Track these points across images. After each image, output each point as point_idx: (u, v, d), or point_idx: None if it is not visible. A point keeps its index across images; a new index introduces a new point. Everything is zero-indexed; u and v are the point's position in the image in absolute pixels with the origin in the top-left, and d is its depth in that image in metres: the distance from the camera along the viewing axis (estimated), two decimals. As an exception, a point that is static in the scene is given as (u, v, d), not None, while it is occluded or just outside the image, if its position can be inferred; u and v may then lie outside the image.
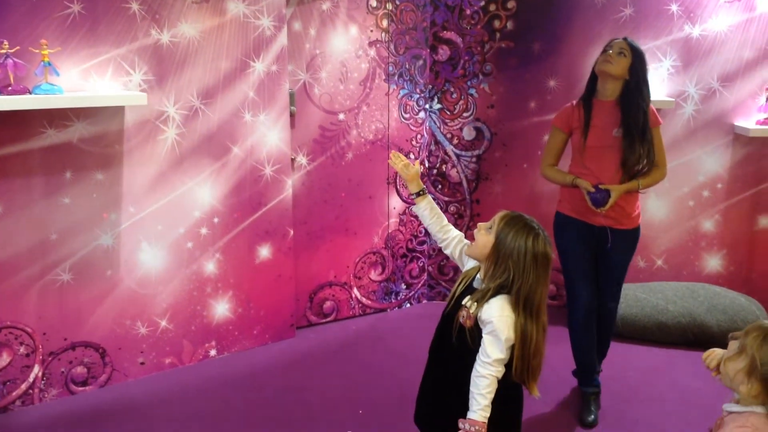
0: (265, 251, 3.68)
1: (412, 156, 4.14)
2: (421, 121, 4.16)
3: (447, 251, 2.34)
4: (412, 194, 2.37)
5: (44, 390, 3.16)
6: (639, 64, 2.91)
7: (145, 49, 3.13)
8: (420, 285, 4.39)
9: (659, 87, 4.00)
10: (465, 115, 4.18)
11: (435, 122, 4.19)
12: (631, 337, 3.84)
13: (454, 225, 3.94)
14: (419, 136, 4.17)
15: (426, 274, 4.40)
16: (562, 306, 4.25)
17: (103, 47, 3.02)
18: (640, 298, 3.87)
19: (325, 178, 3.91)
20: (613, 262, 3.07)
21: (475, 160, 4.23)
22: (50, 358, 3.16)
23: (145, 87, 3.15)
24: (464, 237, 2.33)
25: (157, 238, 3.34)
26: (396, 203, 4.18)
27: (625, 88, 2.93)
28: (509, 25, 4.03)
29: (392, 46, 3.96)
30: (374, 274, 4.21)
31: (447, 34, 4.06)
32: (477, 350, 2.02)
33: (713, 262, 4.21)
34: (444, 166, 4.25)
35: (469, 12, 4.02)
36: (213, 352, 3.62)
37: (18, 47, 2.77)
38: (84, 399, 3.20)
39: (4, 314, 3.03)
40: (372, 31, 3.88)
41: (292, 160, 3.75)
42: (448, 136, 4.21)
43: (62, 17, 2.91)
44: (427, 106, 4.16)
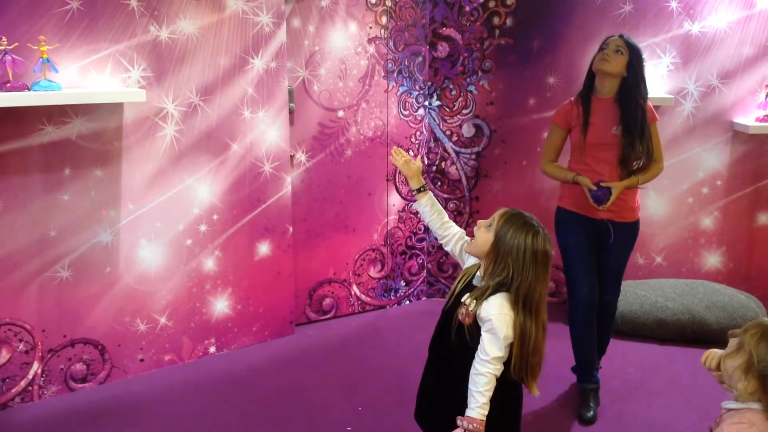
0: (264, 248, 3.68)
1: (412, 153, 4.14)
2: (420, 118, 4.16)
3: (447, 248, 2.34)
4: (413, 190, 2.37)
5: (44, 387, 3.16)
6: (636, 61, 2.92)
7: (144, 46, 3.12)
8: (419, 282, 4.39)
9: (659, 84, 4.00)
10: (464, 112, 4.17)
11: (434, 119, 4.19)
12: (631, 334, 3.84)
13: (454, 222, 3.94)
14: (418, 133, 4.17)
15: (425, 271, 4.40)
16: (562, 303, 4.26)
17: (101, 44, 3.02)
18: (640, 295, 3.87)
19: (325, 175, 3.91)
20: (612, 255, 3.08)
21: (474, 157, 4.23)
22: (49, 355, 3.16)
23: (144, 83, 3.15)
24: (465, 234, 2.33)
25: (156, 235, 3.33)
26: (395, 200, 4.18)
27: (623, 86, 2.94)
28: (509, 22, 4.03)
29: (391, 43, 3.96)
30: (373, 271, 4.21)
31: (446, 31, 4.06)
32: (476, 348, 2.02)
33: (712, 259, 4.21)
34: (443, 163, 4.25)
35: (468, 9, 4.02)
36: (212, 349, 3.62)
37: (16, 44, 2.76)
38: (83, 396, 3.21)
39: (3, 311, 3.03)
40: (371, 28, 3.87)
41: (292, 157, 3.75)
42: (448, 133, 4.21)
43: (61, 13, 2.90)
44: (427, 103, 4.16)
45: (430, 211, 2.35)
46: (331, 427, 2.97)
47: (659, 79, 3.99)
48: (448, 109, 4.17)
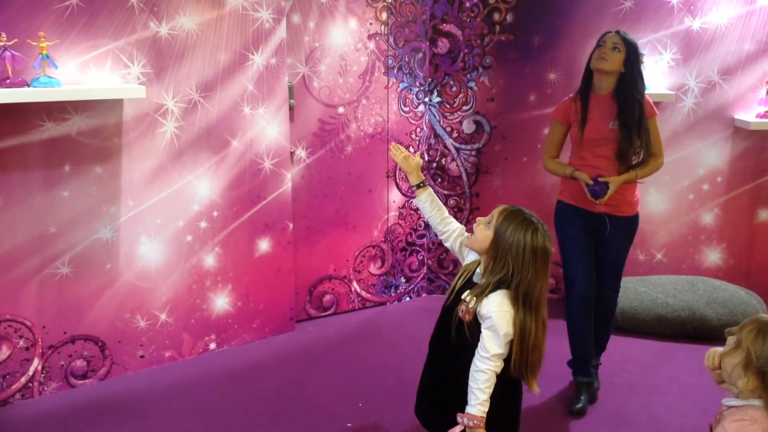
0: (264, 245, 3.68)
1: (412, 149, 4.13)
2: (420, 115, 4.15)
3: (447, 244, 2.34)
4: (413, 186, 2.37)
5: (44, 383, 3.17)
6: (633, 57, 2.94)
7: (144, 42, 3.12)
8: (419, 278, 4.39)
9: (659, 80, 3.99)
10: (464, 108, 4.17)
11: (434, 115, 4.18)
12: (631, 330, 3.84)
13: (454, 218, 3.93)
14: (419, 130, 4.16)
15: (425, 268, 4.40)
16: (562, 300, 4.25)
17: (101, 40, 3.01)
18: (640, 291, 3.87)
19: (325, 171, 3.91)
20: (611, 249, 3.09)
21: (474, 153, 4.23)
22: (50, 352, 3.16)
23: (144, 80, 3.14)
24: (465, 230, 2.32)
25: (156, 232, 3.33)
26: (395, 197, 4.17)
27: (621, 82, 2.96)
28: (509, 18, 4.02)
29: (391, 39, 3.95)
30: (374, 268, 4.21)
31: (446, 27, 4.05)
32: (476, 345, 2.02)
33: (713, 256, 4.21)
34: (443, 160, 4.24)
35: (468, 5, 4.01)
36: (212, 346, 3.62)
37: (16, 40, 2.76)
38: (84, 392, 3.21)
39: (3, 307, 3.03)
40: (371, 24, 3.86)
41: (292, 153, 3.74)
42: (448, 129, 4.20)
43: (60, 9, 2.89)
44: (427, 100, 4.16)
45: (430, 206, 2.35)
46: (332, 423, 2.98)
47: (660, 75, 3.99)
48: (448, 106, 4.16)
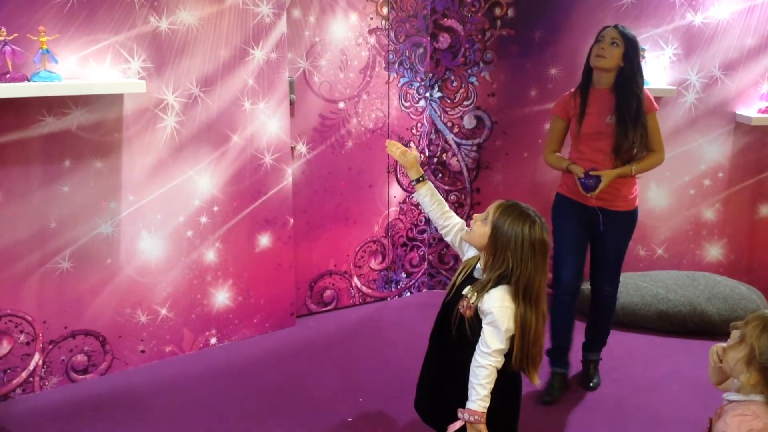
0: (265, 240, 3.67)
1: (412, 145, 4.13)
2: (421, 110, 4.15)
3: (447, 238, 2.33)
4: (412, 181, 2.37)
5: (45, 378, 3.17)
6: (632, 52, 2.93)
7: (144, 37, 3.11)
8: (420, 274, 4.39)
9: (661, 75, 3.98)
10: (465, 103, 4.16)
11: (435, 111, 4.17)
12: (632, 325, 3.84)
13: (455, 213, 3.92)
14: (419, 125, 4.16)
15: (426, 263, 4.40)
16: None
17: (101, 34, 3.00)
18: (641, 286, 3.87)
19: (325, 166, 3.90)
20: (608, 244, 3.09)
21: (475, 148, 4.22)
22: (50, 347, 3.16)
23: (144, 74, 3.14)
24: (465, 225, 2.32)
25: (156, 227, 3.33)
26: (396, 192, 4.17)
27: (620, 76, 2.96)
28: (510, 13, 4.01)
29: (392, 34, 3.94)
30: (374, 263, 4.21)
31: (447, 22, 4.04)
32: (476, 341, 2.02)
33: (714, 251, 4.21)
34: (444, 155, 4.24)
35: (469, -1, 4.01)
36: (213, 341, 3.62)
37: (16, 34, 2.75)
38: (84, 387, 3.21)
39: (4, 302, 3.03)
40: (372, 19, 3.86)
41: (292, 148, 3.74)
42: (449, 124, 4.19)
43: (60, 4, 2.89)
44: (428, 95, 4.15)
45: (430, 201, 2.34)
46: (332, 418, 2.98)
47: (661, 71, 3.98)
48: (449, 101, 4.16)
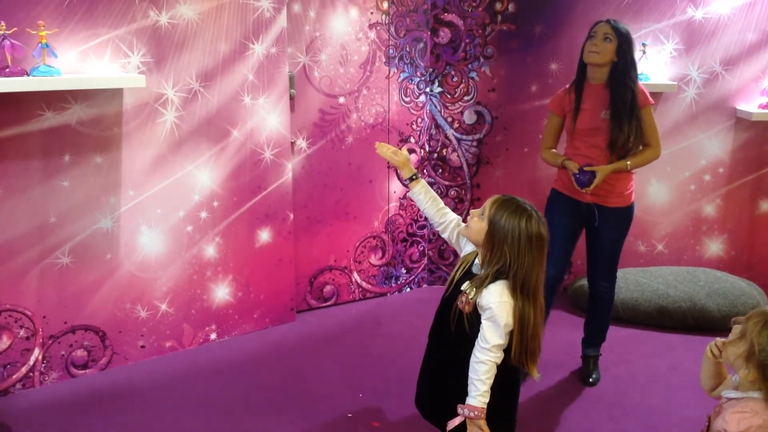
0: (265, 235, 3.67)
1: (413, 140, 4.12)
2: (421, 105, 4.14)
3: (444, 235, 2.33)
4: (406, 180, 2.37)
5: (45, 373, 3.17)
6: (626, 46, 2.93)
7: (144, 31, 3.10)
8: (420, 269, 4.39)
9: (661, 70, 3.97)
10: (466, 98, 4.15)
11: (435, 106, 4.17)
12: (632, 321, 3.84)
13: (455, 209, 3.93)
14: (420, 120, 4.15)
15: (426, 259, 4.39)
16: (562, 290, 4.25)
17: (101, 29, 2.99)
18: (641, 282, 3.87)
19: (325, 162, 3.90)
20: (602, 239, 3.10)
21: (475, 144, 4.21)
22: (50, 342, 3.16)
23: (144, 69, 3.13)
24: (461, 221, 2.32)
25: (156, 222, 3.33)
26: (396, 187, 4.16)
27: (614, 71, 2.96)
28: (511, 8, 4.00)
29: (392, 29, 3.93)
30: (374, 259, 4.21)
31: (448, 17, 4.03)
32: (475, 336, 2.01)
33: (714, 247, 4.21)
34: (444, 150, 4.23)
35: (470, -6, 3.99)
36: (213, 336, 3.62)
37: (15, 28, 2.74)
38: (84, 382, 3.21)
39: (3, 297, 3.03)
40: (372, 14, 3.84)
41: (292, 143, 3.73)
42: (449, 119, 4.19)
43: (59, -2, 2.88)
44: (428, 90, 4.14)
45: (425, 198, 2.34)
46: (332, 413, 2.98)
47: (662, 66, 3.97)
48: (449, 96, 4.15)
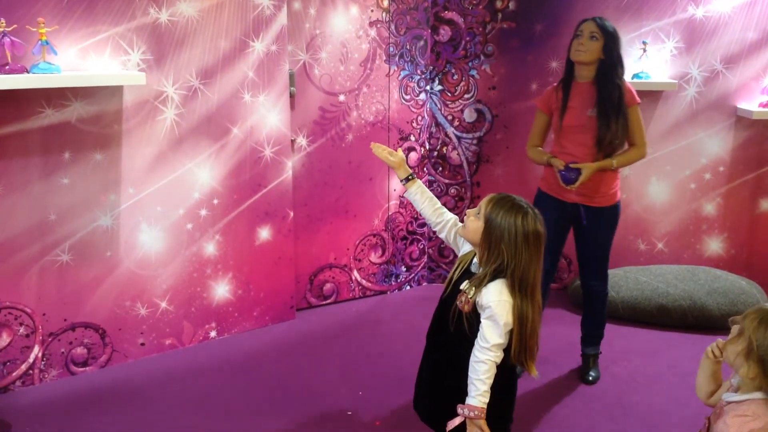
0: (265, 233, 3.67)
1: (413, 138, 4.12)
2: (421, 103, 4.14)
3: (441, 235, 2.33)
4: (402, 180, 2.36)
5: (44, 370, 3.17)
6: (612, 44, 2.94)
7: (144, 28, 3.10)
8: (420, 267, 4.39)
9: (662, 69, 3.97)
10: (466, 96, 4.15)
11: (436, 104, 4.16)
12: (632, 319, 3.84)
13: (455, 207, 3.92)
14: (420, 118, 4.15)
15: (426, 257, 4.39)
16: (562, 288, 4.26)
17: (101, 26, 2.99)
18: (641, 281, 3.87)
19: (326, 159, 3.89)
20: (590, 239, 3.11)
21: (476, 142, 4.21)
22: (50, 339, 3.16)
23: (144, 66, 3.12)
24: (459, 220, 2.31)
25: (156, 219, 3.32)
26: (396, 185, 4.16)
27: (600, 68, 2.97)
28: (511, 6, 4.00)
29: (393, 27, 3.93)
30: (374, 257, 4.20)
31: (448, 15, 4.03)
32: (474, 336, 2.01)
33: (714, 246, 4.21)
34: (445, 148, 4.23)
35: (470, -8, 3.99)
36: (213, 334, 3.62)
37: (15, 25, 2.74)
38: (84, 380, 3.21)
39: (3, 295, 3.03)
40: (372, 11, 3.84)
41: (292, 141, 3.73)
42: (449, 117, 4.18)
43: (59, -5, 2.88)
44: (428, 88, 4.14)
45: (421, 198, 2.34)
46: (332, 411, 2.98)
47: (662, 64, 3.97)
48: (449, 94, 4.15)
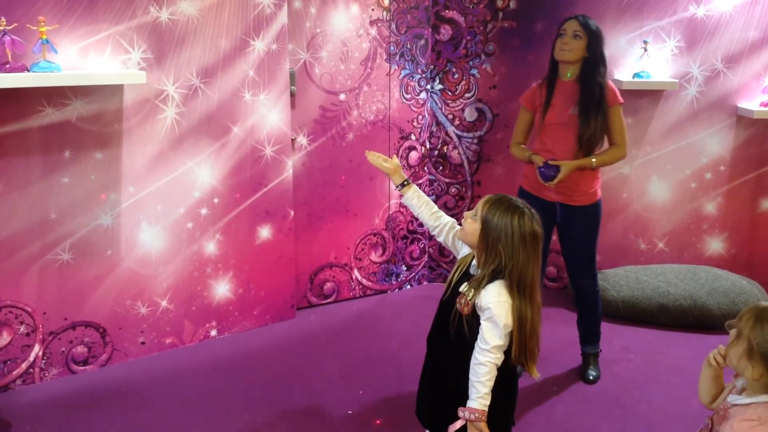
0: (265, 232, 3.67)
1: (413, 137, 4.12)
2: (422, 102, 4.13)
3: (440, 239, 2.33)
4: (397, 187, 2.37)
5: (45, 369, 3.17)
6: (595, 43, 2.96)
7: (144, 27, 3.09)
8: (420, 267, 4.39)
9: (663, 68, 3.97)
10: (467, 95, 4.15)
11: (436, 103, 4.16)
12: (632, 319, 3.84)
13: (455, 206, 3.92)
14: (420, 117, 4.15)
15: (427, 256, 4.39)
16: (563, 288, 4.26)
17: (101, 24, 2.99)
18: (642, 280, 3.87)
19: (326, 158, 3.89)
20: (572, 238, 3.13)
21: (476, 141, 4.21)
22: (51, 338, 3.16)
23: (144, 65, 3.12)
24: (456, 223, 2.31)
25: (157, 218, 3.32)
26: (397, 184, 4.15)
27: (584, 66, 2.99)
28: (512, 5, 3.99)
29: (394, 25, 3.93)
30: (375, 256, 4.20)
31: (449, 14, 4.02)
32: (474, 339, 2.01)
33: (715, 245, 4.20)
34: (445, 148, 4.22)
35: (471, -9, 3.98)
36: (213, 333, 3.62)
37: (15, 24, 2.74)
38: (84, 378, 3.21)
39: (4, 293, 3.03)
40: (373, 10, 3.84)
41: (293, 140, 3.73)
42: (450, 117, 4.18)
43: (60, -6, 2.87)
44: (429, 87, 4.13)
45: (417, 203, 2.34)
46: (332, 410, 2.98)
47: (663, 63, 3.96)
48: (450, 93, 4.14)
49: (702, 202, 4.15)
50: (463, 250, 2.22)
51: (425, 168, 4.23)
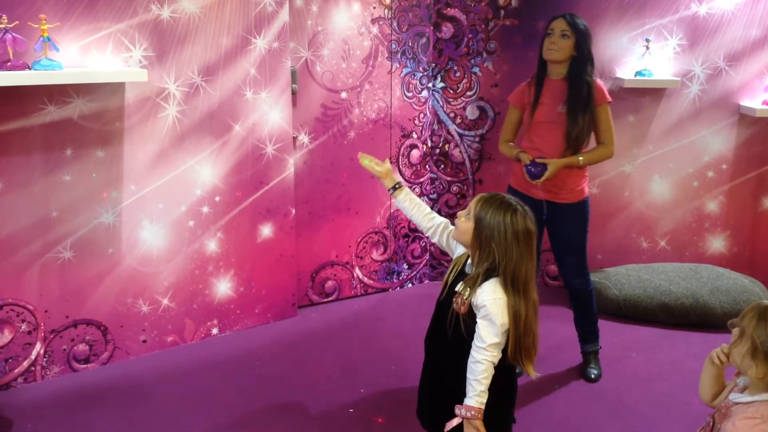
0: (266, 230, 3.67)
1: (414, 135, 4.12)
2: (423, 100, 4.13)
3: (435, 239, 2.33)
4: (389, 190, 2.37)
5: (46, 367, 3.17)
6: (583, 41, 2.96)
7: (146, 25, 3.09)
8: (422, 265, 4.39)
9: (665, 66, 3.96)
10: (468, 94, 4.14)
11: (438, 101, 4.16)
12: (634, 317, 3.83)
13: (457, 205, 3.93)
14: (422, 115, 4.14)
15: (428, 254, 4.39)
16: (561, 287, 4.25)
17: (102, 22, 2.99)
18: (643, 279, 3.86)
19: (327, 157, 3.89)
20: (561, 237, 3.14)
21: (478, 139, 4.20)
22: (52, 336, 3.16)
23: (146, 63, 3.12)
24: (449, 223, 2.31)
25: (158, 216, 3.32)
26: (398, 183, 4.15)
27: (572, 65, 2.99)
28: (514, 3, 3.99)
29: (395, 24, 3.92)
30: (376, 254, 4.20)
31: (451, 12, 4.02)
32: (472, 338, 2.01)
33: (717, 243, 4.20)
34: (447, 146, 4.22)
35: (473, -11, 3.98)
36: (215, 331, 3.62)
37: (17, 22, 2.73)
38: (86, 376, 3.21)
39: (5, 291, 3.03)
40: (375, 8, 3.83)
41: (294, 138, 3.72)
42: (451, 115, 4.18)
43: (61, -8, 2.87)
44: (430, 85, 4.13)
45: (410, 205, 2.35)
46: (333, 408, 2.98)
47: (665, 62, 3.96)
48: (452, 91, 4.14)
49: (704, 201, 4.14)
50: (459, 250, 2.23)
51: (427, 166, 4.23)
